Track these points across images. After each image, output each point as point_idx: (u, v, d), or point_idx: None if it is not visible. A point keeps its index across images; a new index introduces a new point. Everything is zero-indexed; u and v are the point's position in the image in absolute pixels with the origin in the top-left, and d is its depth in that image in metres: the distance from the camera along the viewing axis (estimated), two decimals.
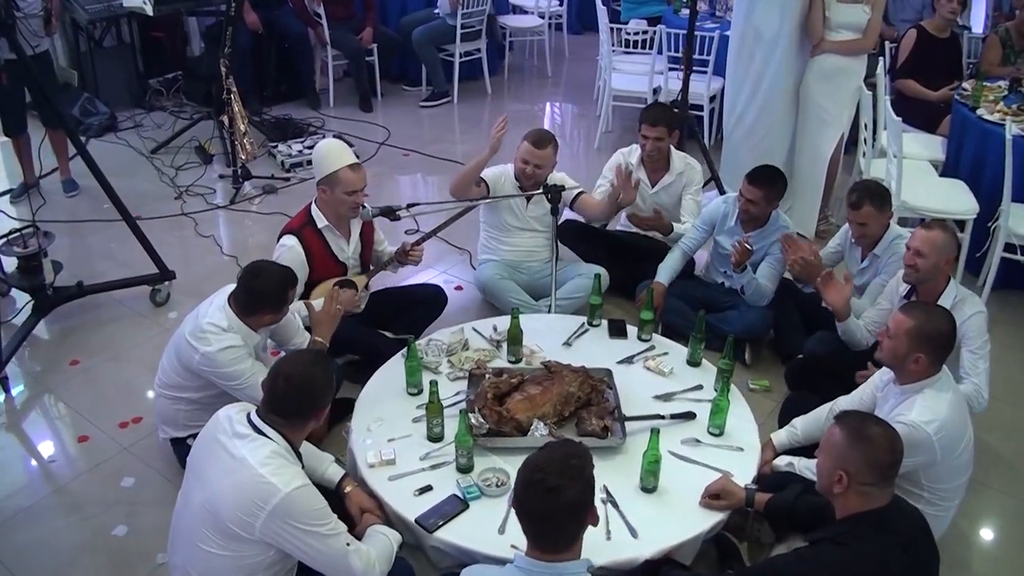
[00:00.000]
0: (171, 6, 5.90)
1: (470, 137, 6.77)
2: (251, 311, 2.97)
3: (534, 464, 2.02)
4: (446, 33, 7.05)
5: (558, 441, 2.23)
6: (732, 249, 3.72)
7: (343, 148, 3.60)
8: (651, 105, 4.26)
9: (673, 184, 4.29)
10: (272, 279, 2.96)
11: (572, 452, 2.06)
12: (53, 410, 3.71)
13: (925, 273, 3.07)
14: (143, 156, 6.09)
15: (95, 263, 4.75)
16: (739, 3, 4.63)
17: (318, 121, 6.78)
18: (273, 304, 2.96)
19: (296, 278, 3.02)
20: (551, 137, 3.93)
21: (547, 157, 3.89)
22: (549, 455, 2.04)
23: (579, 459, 2.04)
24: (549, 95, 7.83)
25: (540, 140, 3.88)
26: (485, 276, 4.08)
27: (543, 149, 3.87)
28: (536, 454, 2.07)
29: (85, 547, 3.01)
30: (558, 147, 3.97)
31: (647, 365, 3.35)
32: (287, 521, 2.31)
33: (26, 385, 3.83)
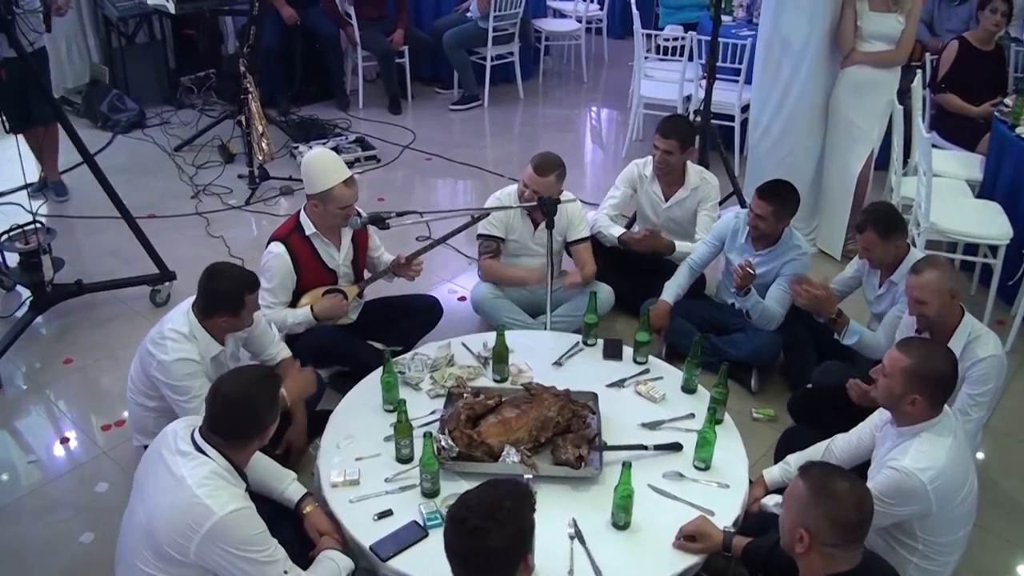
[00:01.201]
0: (193, 4, 5.89)
1: (500, 143, 6.64)
2: (208, 314, 2.87)
3: (464, 501, 1.88)
4: (477, 36, 6.94)
5: (502, 479, 2.08)
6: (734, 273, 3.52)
7: (336, 162, 3.49)
8: (669, 116, 4.07)
9: (687, 199, 4.09)
10: (227, 281, 2.85)
11: (508, 494, 1.90)
12: (40, 409, 3.67)
13: (935, 316, 2.85)
14: (166, 153, 6.09)
15: (103, 261, 4.72)
16: (766, 10, 4.41)
17: (345, 123, 6.72)
18: (229, 308, 2.85)
19: (257, 283, 2.91)
20: (557, 164, 3.74)
21: (548, 185, 3.71)
22: (482, 494, 1.89)
23: (514, 503, 1.88)
24: (583, 101, 7.66)
25: (542, 166, 3.71)
26: (479, 294, 3.94)
27: (544, 176, 3.71)
28: (471, 491, 1.92)
29: (49, 552, 2.95)
30: (564, 174, 3.78)
31: (638, 390, 3.18)
32: (221, 545, 2.21)
33: (17, 381, 3.80)
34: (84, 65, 6.75)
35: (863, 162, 4.39)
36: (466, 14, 7.12)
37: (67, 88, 6.71)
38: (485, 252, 3.93)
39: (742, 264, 3.47)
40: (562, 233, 3.93)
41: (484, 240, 3.91)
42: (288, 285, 3.46)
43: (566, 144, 6.56)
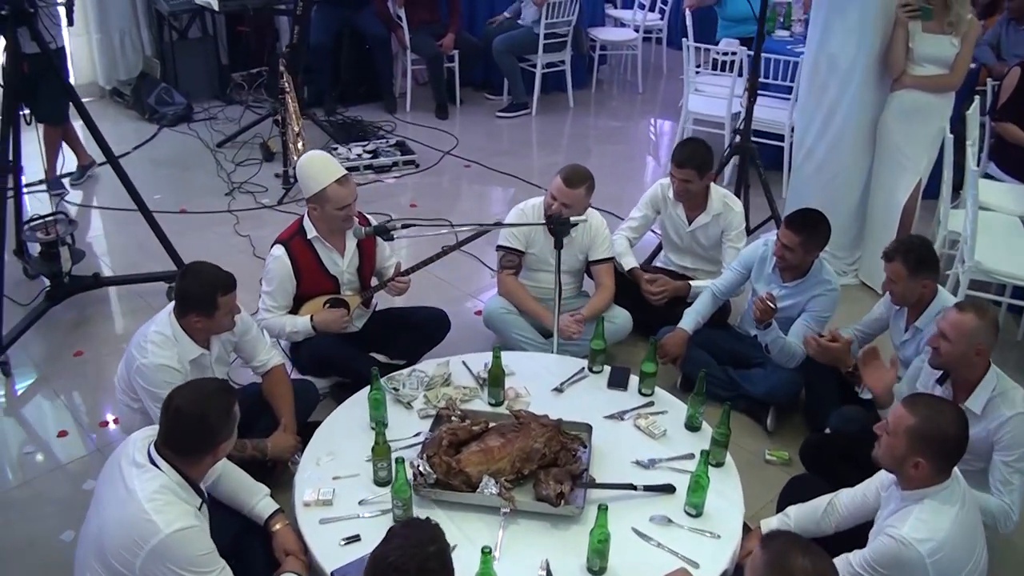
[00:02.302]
0: (237, 3, 5.89)
1: (544, 153, 6.51)
2: (182, 313, 2.82)
3: (387, 564, 1.77)
4: (529, 42, 6.82)
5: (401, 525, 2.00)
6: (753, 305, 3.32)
7: (328, 161, 3.40)
8: (683, 143, 3.88)
9: (710, 225, 3.90)
10: (197, 280, 2.79)
11: (431, 555, 1.79)
12: (44, 400, 3.67)
13: (948, 359, 2.61)
14: (208, 149, 6.12)
15: (129, 253, 4.74)
16: (813, 27, 4.18)
17: (389, 125, 6.67)
18: (201, 308, 2.78)
19: (233, 285, 2.83)
20: (586, 176, 3.60)
21: (577, 197, 3.57)
22: (403, 554, 1.79)
23: (437, 562, 1.78)
24: (637, 112, 7.47)
25: (571, 178, 3.57)
26: (491, 308, 3.81)
27: (574, 188, 3.56)
28: (388, 548, 1.82)
29: (28, 548, 2.93)
30: (593, 187, 3.65)
31: (637, 423, 3.01)
32: (165, 564, 2.14)
33: (26, 370, 3.81)
34: (137, 58, 6.84)
35: (910, 192, 4.13)
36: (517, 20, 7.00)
37: (119, 80, 6.81)
38: (506, 266, 3.80)
39: (762, 296, 3.28)
40: (584, 251, 3.79)
41: (505, 253, 3.78)
42: (288, 290, 3.39)
43: (613, 157, 6.41)
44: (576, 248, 3.76)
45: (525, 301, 3.75)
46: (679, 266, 4.10)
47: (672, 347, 3.56)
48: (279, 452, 2.98)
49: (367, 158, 5.89)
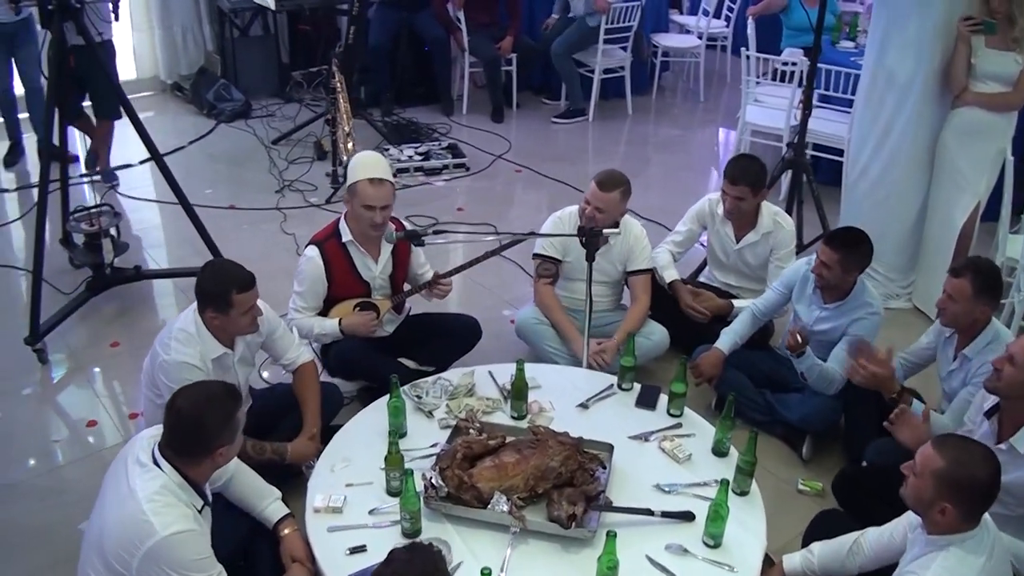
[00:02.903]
0: (293, 2, 5.92)
1: (598, 159, 6.40)
2: (200, 309, 2.81)
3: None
4: (585, 37, 6.68)
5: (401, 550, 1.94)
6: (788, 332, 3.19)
7: (373, 161, 3.38)
8: (737, 159, 3.76)
9: (758, 244, 3.77)
10: (214, 276, 2.79)
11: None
12: (77, 389, 3.72)
13: (1009, 385, 2.43)
14: (263, 146, 6.18)
15: (176, 247, 4.81)
16: (872, 39, 4.01)
17: (444, 127, 6.64)
18: (216, 305, 2.77)
19: (250, 285, 2.80)
20: (622, 181, 3.52)
21: (612, 202, 3.49)
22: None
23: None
24: (696, 121, 7.29)
25: (606, 182, 3.49)
26: (523, 317, 3.75)
27: (608, 192, 3.48)
28: (386, 569, 1.76)
29: (45, 535, 2.96)
30: (629, 192, 3.56)
31: (662, 446, 2.91)
32: (160, 566, 2.13)
33: (62, 358, 3.87)
34: (199, 53, 6.95)
35: (968, 214, 3.93)
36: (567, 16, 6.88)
37: (181, 75, 6.93)
38: (542, 275, 3.71)
39: (793, 329, 3.15)
40: (622, 261, 3.70)
41: (541, 261, 3.70)
42: (319, 291, 3.38)
43: (669, 167, 6.28)
44: (614, 257, 3.68)
45: (559, 318, 3.66)
46: (722, 283, 3.97)
47: (707, 367, 3.45)
48: (299, 458, 2.96)
49: (418, 160, 5.88)
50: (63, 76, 3.54)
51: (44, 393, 3.65)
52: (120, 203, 5.28)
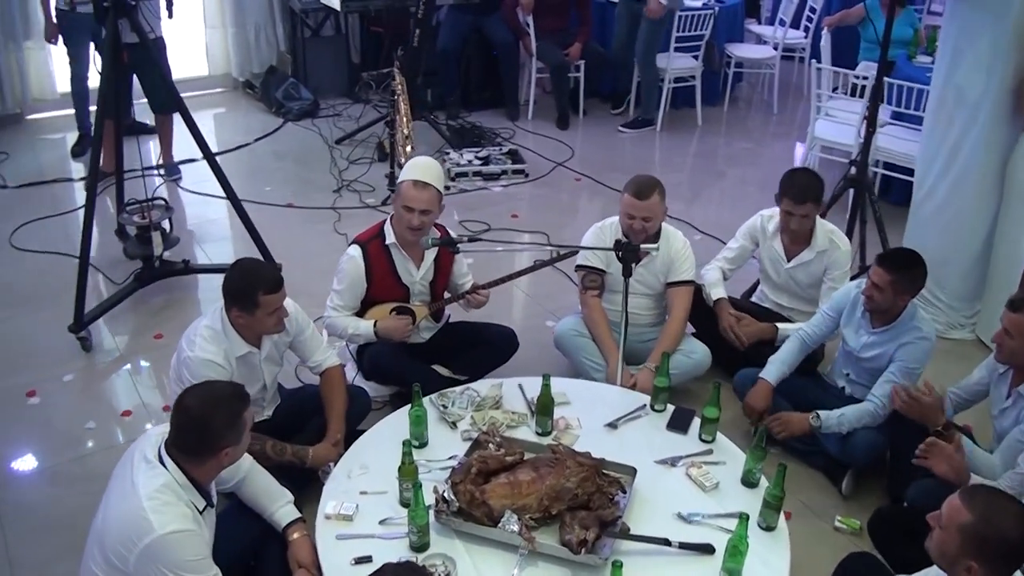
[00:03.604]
0: (358, 3, 5.95)
1: (664, 170, 6.24)
2: (227, 307, 2.82)
3: None
4: (654, 36, 6.47)
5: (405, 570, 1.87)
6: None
7: (424, 165, 3.35)
8: (795, 174, 3.59)
9: (812, 263, 3.61)
10: (242, 276, 2.79)
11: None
12: (116, 379, 3.77)
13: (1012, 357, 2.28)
14: (327, 145, 6.23)
15: (229, 243, 4.87)
16: (941, 55, 3.80)
17: (507, 132, 6.59)
18: (241, 304, 2.77)
19: (277, 286, 2.80)
20: (654, 183, 3.43)
21: (654, 207, 3.39)
22: None
23: None
24: (768, 134, 7.06)
25: (642, 190, 3.40)
26: (562, 329, 3.66)
27: (647, 199, 3.38)
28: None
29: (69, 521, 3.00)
30: (665, 192, 3.46)
31: (689, 472, 2.78)
32: (156, 564, 2.13)
33: (106, 347, 3.94)
34: (271, 52, 7.06)
35: None
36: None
37: (252, 73, 7.04)
38: (588, 286, 3.59)
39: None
40: (664, 272, 3.58)
41: (586, 273, 3.60)
42: (357, 292, 3.36)
43: (736, 180, 6.11)
44: (656, 269, 3.56)
45: (603, 335, 3.54)
46: (774, 303, 3.82)
47: (757, 402, 3.28)
48: (320, 462, 2.93)
49: (477, 164, 5.85)
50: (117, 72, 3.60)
51: (84, 381, 3.72)
52: (181, 197, 5.39)
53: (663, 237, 3.54)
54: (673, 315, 3.56)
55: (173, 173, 5.52)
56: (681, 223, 5.26)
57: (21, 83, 6.09)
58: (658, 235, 3.52)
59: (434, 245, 3.28)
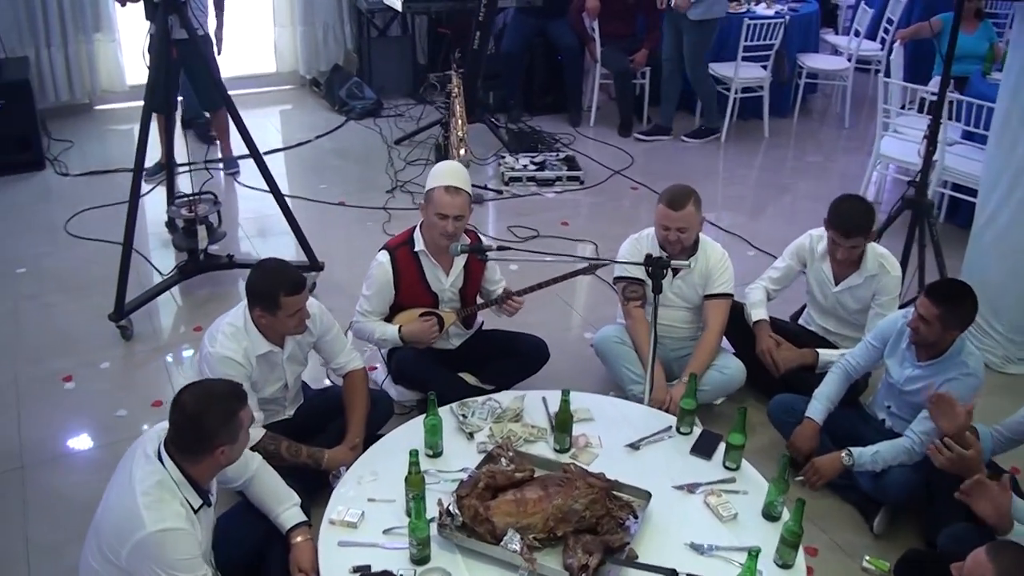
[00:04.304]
0: (420, 4, 5.94)
1: (726, 182, 6.10)
2: (250, 305, 2.82)
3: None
4: (697, 44, 6.29)
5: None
6: None
7: (453, 170, 3.31)
8: (843, 203, 3.40)
9: (860, 287, 3.45)
10: (265, 276, 2.78)
11: None
12: (152, 368, 3.81)
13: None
14: (386, 145, 6.25)
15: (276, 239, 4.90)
16: (1008, 73, 3.58)
17: (568, 138, 6.53)
18: (263, 304, 2.76)
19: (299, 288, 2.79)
20: (689, 192, 3.32)
21: (690, 217, 3.29)
22: None
23: None
24: (837, 148, 6.81)
25: (676, 200, 3.29)
26: (604, 335, 3.57)
27: (682, 209, 3.28)
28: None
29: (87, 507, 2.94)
30: (700, 201, 3.35)
31: (708, 500, 2.67)
32: (146, 561, 2.13)
33: (146, 336, 4.00)
34: (339, 51, 7.13)
35: None
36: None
37: (319, 71, 7.12)
38: (630, 297, 3.48)
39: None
40: (703, 285, 3.47)
41: (627, 284, 3.50)
42: (385, 297, 3.33)
43: (799, 195, 5.91)
44: (694, 281, 3.45)
45: (645, 348, 3.37)
46: (820, 327, 3.66)
47: (803, 444, 3.12)
48: (334, 465, 2.92)
49: (532, 169, 5.79)
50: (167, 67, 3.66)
51: (120, 369, 3.77)
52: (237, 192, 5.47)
53: (701, 249, 3.43)
54: (709, 328, 3.45)
55: (231, 167, 5.61)
56: (735, 238, 5.15)
57: (91, 74, 6.29)
58: (695, 247, 3.41)
59: (463, 252, 3.24)
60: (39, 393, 3.57)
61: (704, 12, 6.09)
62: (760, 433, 3.45)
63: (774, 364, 3.46)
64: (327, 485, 2.89)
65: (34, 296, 4.23)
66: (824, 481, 3.00)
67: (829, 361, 3.33)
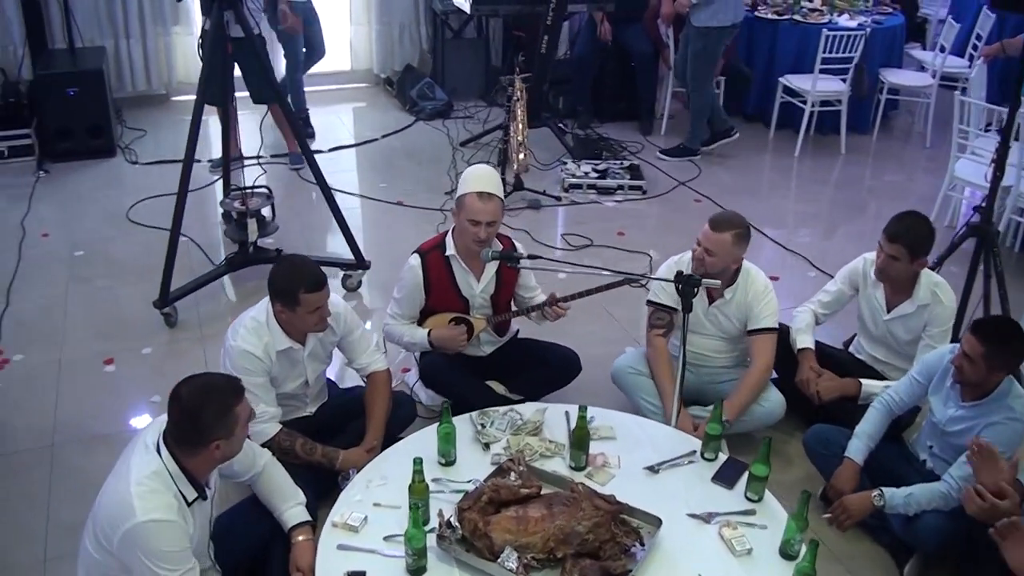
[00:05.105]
0: (489, 7, 5.91)
1: (796, 198, 5.90)
2: (272, 301, 2.83)
3: None
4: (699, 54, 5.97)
5: None
6: None
7: (485, 174, 3.25)
8: (902, 215, 3.26)
9: (911, 317, 3.27)
10: (285, 271, 2.79)
11: None
12: (191, 357, 3.85)
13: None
14: (451, 147, 6.25)
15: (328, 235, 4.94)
16: None
17: (636, 147, 6.41)
18: (283, 299, 2.78)
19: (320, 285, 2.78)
20: (735, 223, 3.19)
21: (723, 244, 3.15)
22: None
23: None
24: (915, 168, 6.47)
25: (718, 223, 3.17)
26: (619, 366, 3.47)
27: (719, 233, 3.15)
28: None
29: None
30: (748, 238, 3.22)
31: (722, 532, 2.56)
32: (134, 549, 2.16)
33: (190, 324, 4.07)
34: (414, 51, 7.19)
35: None
36: None
37: (393, 70, 7.18)
38: (655, 324, 3.39)
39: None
40: (740, 317, 3.33)
41: (655, 310, 3.40)
42: (415, 301, 3.31)
43: (871, 216, 5.66)
44: (731, 312, 3.32)
45: (664, 381, 3.30)
46: (870, 355, 3.48)
47: (843, 485, 2.94)
48: (349, 466, 2.90)
49: (593, 177, 5.70)
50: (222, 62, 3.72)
51: (160, 355, 3.85)
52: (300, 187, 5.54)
53: (741, 279, 3.29)
54: (755, 365, 3.30)
55: (296, 162, 5.69)
56: (797, 257, 4.96)
57: (167, 66, 6.48)
58: (735, 277, 3.28)
59: (494, 259, 3.18)
60: (80, 373, 3.67)
61: (707, 19, 5.76)
62: (798, 465, 3.31)
63: (816, 394, 3.30)
64: (338, 486, 2.88)
65: (88, 279, 4.37)
66: (853, 521, 2.84)
67: (872, 393, 3.16)
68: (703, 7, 5.72)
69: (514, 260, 3.20)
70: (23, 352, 3.79)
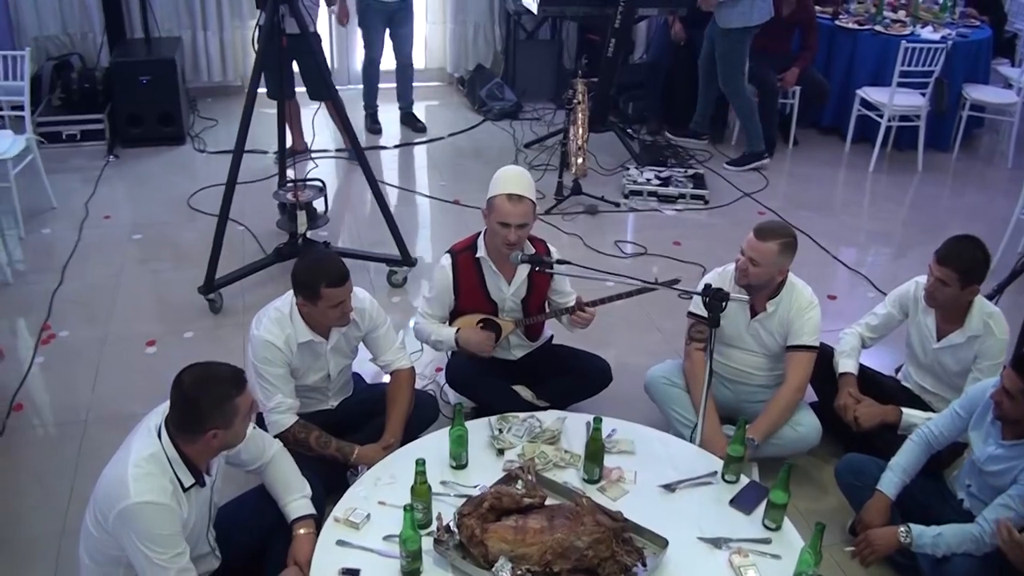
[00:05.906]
0: (557, 8, 5.85)
1: (866, 216, 5.66)
2: (295, 293, 2.84)
3: None
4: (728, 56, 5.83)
5: None
6: None
7: (516, 176, 3.20)
8: (956, 239, 3.10)
9: (962, 347, 3.09)
10: (309, 265, 2.80)
11: None
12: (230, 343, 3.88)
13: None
14: (516, 148, 6.22)
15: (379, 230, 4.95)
16: None
17: (704, 155, 6.26)
18: (305, 293, 2.79)
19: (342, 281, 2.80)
20: (783, 233, 3.08)
21: (767, 254, 3.05)
22: None
23: None
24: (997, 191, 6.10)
25: (763, 231, 3.07)
26: (654, 376, 3.38)
27: (764, 242, 3.05)
28: None
29: None
30: (794, 248, 3.09)
31: (732, 559, 2.46)
32: (126, 530, 2.20)
33: (234, 311, 4.13)
34: (488, 51, 7.19)
35: None
36: None
37: (466, 69, 7.19)
38: (695, 337, 3.28)
39: None
40: (782, 333, 3.21)
41: (695, 323, 3.30)
42: (445, 301, 3.29)
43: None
44: (773, 328, 3.20)
45: (698, 394, 3.15)
46: (917, 384, 3.31)
47: (872, 519, 2.80)
48: (363, 462, 2.90)
49: (655, 184, 5.59)
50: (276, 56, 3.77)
51: (201, 340, 3.91)
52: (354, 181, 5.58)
53: (785, 293, 3.18)
54: (787, 384, 3.17)
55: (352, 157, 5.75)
56: (858, 277, 4.77)
57: (243, 58, 6.63)
58: (778, 290, 3.16)
59: (523, 262, 3.13)
60: (121, 353, 3.77)
61: (733, 19, 5.58)
62: (832, 494, 3.16)
63: (853, 420, 3.16)
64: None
65: (142, 261, 4.49)
66: (877, 556, 2.70)
67: (913, 424, 3.01)
68: (729, 6, 5.55)
69: (544, 264, 3.14)
70: (69, 329, 3.91)
